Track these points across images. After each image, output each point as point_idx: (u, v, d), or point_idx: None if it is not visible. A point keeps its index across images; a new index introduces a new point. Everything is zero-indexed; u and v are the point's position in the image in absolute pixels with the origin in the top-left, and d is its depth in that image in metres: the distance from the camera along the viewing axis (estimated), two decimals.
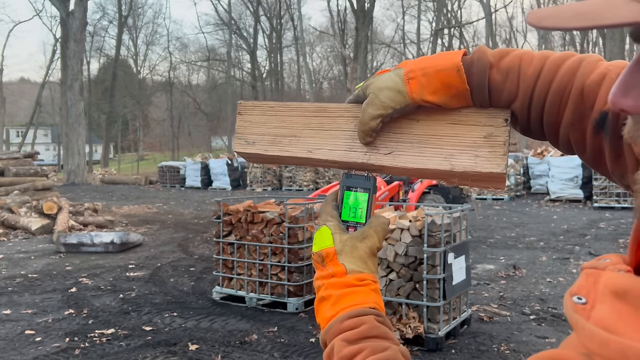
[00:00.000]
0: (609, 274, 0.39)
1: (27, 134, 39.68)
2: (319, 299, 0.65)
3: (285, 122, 0.70)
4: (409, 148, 0.66)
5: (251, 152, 0.71)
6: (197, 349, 3.53)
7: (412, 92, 0.63)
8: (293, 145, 0.69)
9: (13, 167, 11.46)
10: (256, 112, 0.72)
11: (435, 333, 3.47)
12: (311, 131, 0.69)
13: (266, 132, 0.71)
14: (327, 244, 0.64)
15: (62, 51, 25.80)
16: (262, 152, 0.70)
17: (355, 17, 27.14)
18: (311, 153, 0.68)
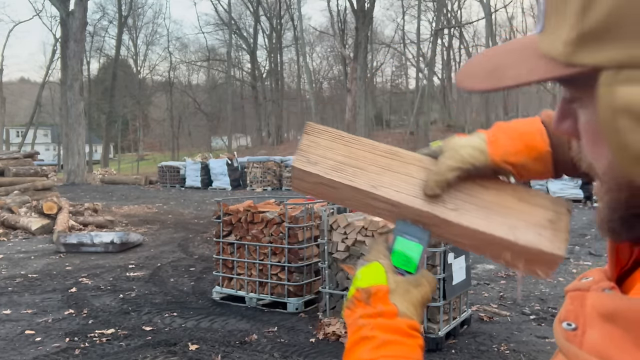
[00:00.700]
0: (594, 295, 0.38)
1: (27, 134, 39.68)
2: (358, 338, 0.59)
3: (353, 153, 0.68)
4: (476, 210, 0.64)
5: (310, 171, 0.67)
6: (197, 349, 3.53)
7: (494, 153, 0.63)
8: (357, 176, 0.66)
9: (13, 167, 11.46)
10: (324, 136, 0.69)
11: (435, 333, 3.47)
12: (378, 169, 0.67)
13: (331, 157, 0.68)
14: (377, 281, 0.60)
15: (62, 51, 25.80)
16: (322, 173, 0.67)
17: (355, 17, 27.15)
18: (374, 188, 0.65)
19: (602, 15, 0.32)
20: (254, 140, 42.14)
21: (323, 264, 3.88)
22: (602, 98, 0.33)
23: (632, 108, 0.31)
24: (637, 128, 0.32)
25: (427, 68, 31.54)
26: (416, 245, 0.64)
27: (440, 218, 0.64)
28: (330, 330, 3.67)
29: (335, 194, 0.69)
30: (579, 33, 0.33)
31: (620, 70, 0.32)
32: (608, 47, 0.32)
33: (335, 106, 42.51)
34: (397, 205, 0.65)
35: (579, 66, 0.34)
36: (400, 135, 34.08)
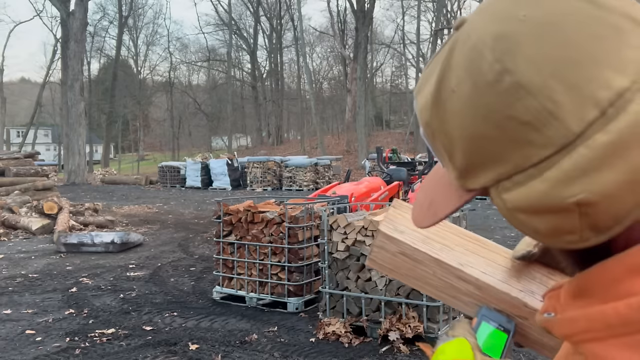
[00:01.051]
0: (564, 288, 0.45)
1: (27, 134, 39.70)
2: None
3: (440, 233, 0.67)
4: None
5: (397, 238, 0.66)
6: (197, 348, 3.54)
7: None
8: (444, 252, 0.65)
9: (14, 167, 11.47)
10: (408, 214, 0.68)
11: (435, 333, 3.48)
12: (465, 250, 0.66)
13: (418, 231, 0.67)
14: (466, 357, 0.58)
15: (62, 51, 25.83)
16: (409, 242, 0.66)
17: (355, 17, 27.15)
18: (462, 266, 0.64)
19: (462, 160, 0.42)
20: (254, 140, 42.15)
21: (323, 263, 3.89)
22: (499, 207, 0.41)
23: (518, 206, 0.40)
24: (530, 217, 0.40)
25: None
26: (501, 334, 0.61)
27: (530, 307, 0.61)
28: (330, 330, 3.68)
29: (415, 270, 0.66)
30: (458, 172, 0.43)
31: (498, 184, 0.40)
32: (480, 174, 0.41)
33: (335, 106, 42.52)
34: (484, 289, 0.63)
35: (474, 190, 0.43)
36: (400, 136, 34.09)
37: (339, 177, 19.06)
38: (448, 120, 0.41)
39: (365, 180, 7.41)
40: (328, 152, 28.62)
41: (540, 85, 0.37)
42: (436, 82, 0.42)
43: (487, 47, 0.38)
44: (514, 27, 0.38)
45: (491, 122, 0.39)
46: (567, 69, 0.36)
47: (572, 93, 0.36)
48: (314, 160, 19.77)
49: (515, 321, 0.62)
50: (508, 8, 0.39)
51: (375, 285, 3.65)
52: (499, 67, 0.37)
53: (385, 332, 3.52)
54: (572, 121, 0.36)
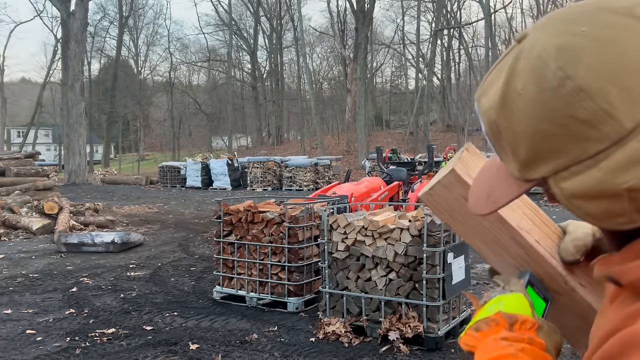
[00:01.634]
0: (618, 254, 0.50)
1: (28, 134, 39.71)
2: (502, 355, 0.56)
3: None
4: (598, 297, 0.63)
5: (468, 183, 0.65)
6: (197, 348, 3.55)
7: None
8: (507, 210, 0.65)
9: (14, 167, 11.48)
10: (482, 163, 0.69)
11: (435, 333, 3.48)
12: (523, 215, 0.67)
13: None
14: (525, 312, 0.60)
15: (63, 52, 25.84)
16: None
17: (355, 17, 27.15)
18: (520, 229, 0.65)
19: (526, 153, 0.48)
20: (254, 140, 42.14)
21: (323, 263, 3.89)
22: (557, 194, 0.48)
23: (575, 194, 0.46)
24: (585, 202, 0.46)
25: (427, 68, 31.54)
26: (541, 301, 0.63)
27: (569, 286, 0.63)
28: (330, 329, 3.68)
29: (471, 219, 0.67)
30: (519, 164, 0.50)
31: (557, 175, 0.47)
32: (542, 166, 0.48)
33: (335, 106, 42.51)
34: (534, 256, 0.64)
35: (534, 180, 0.50)
36: (400, 136, 34.08)
37: (339, 177, 19.07)
38: (514, 119, 0.47)
39: (365, 180, 7.41)
40: (328, 152, 28.62)
41: (598, 89, 0.43)
42: (503, 86, 0.48)
43: (551, 57, 0.45)
44: (575, 40, 0.45)
45: (554, 120, 0.45)
46: (621, 75, 0.43)
47: (625, 95, 0.43)
48: (314, 160, 19.77)
49: (552, 295, 0.64)
50: (568, 24, 0.46)
51: (375, 285, 3.66)
52: (562, 74, 0.44)
53: (385, 332, 3.52)
54: (625, 119, 0.42)
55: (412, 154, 22.23)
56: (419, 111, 31.15)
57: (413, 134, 31.77)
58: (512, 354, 0.56)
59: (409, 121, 34.64)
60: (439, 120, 37.97)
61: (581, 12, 0.46)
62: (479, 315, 0.61)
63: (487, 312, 0.60)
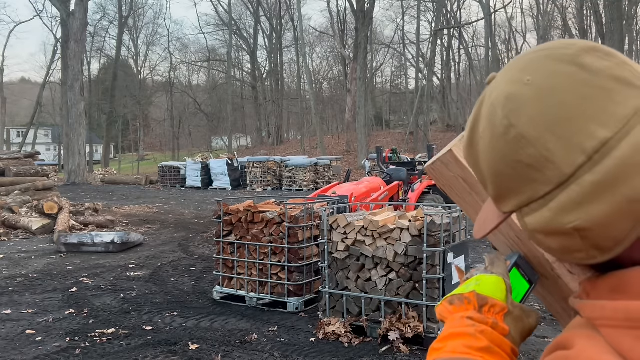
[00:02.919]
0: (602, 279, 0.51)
1: (27, 134, 39.70)
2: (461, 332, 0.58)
3: None
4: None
5: (464, 165, 0.69)
6: (197, 348, 3.55)
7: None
8: None
9: (14, 167, 11.48)
10: None
11: (435, 333, 3.48)
12: None
13: None
14: (497, 296, 0.61)
15: (62, 51, 25.83)
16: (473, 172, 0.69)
17: (355, 17, 27.15)
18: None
19: (493, 190, 0.53)
20: (254, 140, 42.15)
21: (323, 263, 3.89)
22: (522, 227, 0.52)
23: (535, 229, 0.49)
24: (545, 238, 0.49)
25: (427, 68, 31.54)
26: (525, 283, 0.66)
27: (556, 272, 0.67)
28: (330, 329, 3.68)
29: (469, 196, 0.71)
30: (493, 198, 0.54)
31: (521, 210, 0.51)
32: (507, 201, 0.52)
33: (335, 106, 42.51)
34: (524, 240, 0.67)
35: (506, 213, 0.54)
36: (400, 136, 34.08)
37: (339, 177, 19.07)
38: (479, 159, 0.52)
39: (365, 180, 7.41)
40: (328, 152, 28.62)
41: (537, 137, 0.46)
42: (470, 128, 0.53)
43: (500, 105, 0.49)
44: (520, 89, 0.48)
45: (506, 163, 0.49)
46: (559, 124, 0.46)
47: (563, 143, 0.46)
48: (314, 160, 19.77)
49: (538, 277, 0.68)
50: (518, 72, 0.49)
51: (375, 285, 3.65)
52: (507, 122, 0.48)
53: (385, 332, 3.52)
54: (564, 165, 0.46)
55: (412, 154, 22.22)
56: (419, 111, 31.15)
57: (413, 134, 31.76)
58: (471, 333, 0.58)
59: (409, 121, 34.64)
60: (439, 120, 37.96)
61: (530, 60, 0.49)
62: (458, 290, 0.64)
63: (464, 288, 0.63)
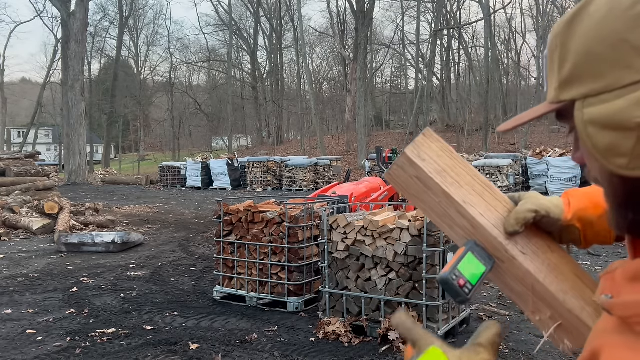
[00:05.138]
0: (621, 269, 0.51)
1: (28, 134, 39.71)
2: None
3: (456, 169, 0.74)
4: (539, 264, 0.70)
5: (417, 164, 0.72)
6: (197, 348, 3.55)
7: (568, 210, 0.73)
8: (454, 187, 0.72)
9: (14, 167, 11.49)
10: (437, 145, 0.75)
11: (435, 332, 3.49)
12: (472, 190, 0.73)
13: (438, 162, 0.73)
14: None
15: (63, 52, 25.83)
16: (426, 170, 0.72)
17: (355, 18, 27.16)
18: (465, 203, 0.71)
19: (569, 71, 0.52)
20: (255, 140, 42.15)
21: (323, 263, 3.90)
22: (577, 118, 0.51)
23: (593, 120, 0.49)
24: (598, 132, 0.49)
25: (427, 69, 31.55)
26: (481, 266, 0.69)
27: (509, 254, 0.70)
28: (330, 329, 3.69)
29: (424, 194, 0.73)
30: (559, 82, 0.53)
31: (585, 99, 0.50)
32: (577, 87, 0.51)
33: (335, 106, 42.52)
34: (478, 228, 0.71)
35: (563, 102, 0.53)
36: (399, 136, 34.08)
37: (339, 177, 19.07)
38: (574, 36, 0.51)
39: (365, 180, 7.41)
40: (328, 152, 28.63)
41: None
42: (578, 7, 0.52)
43: None
44: None
45: (608, 42, 0.47)
46: None
47: None
48: (314, 160, 19.77)
49: (495, 261, 0.70)
50: None
51: (375, 285, 3.66)
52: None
53: (385, 331, 3.53)
54: None
55: None
56: (418, 111, 31.16)
57: (413, 134, 31.75)
58: None
59: (408, 121, 34.65)
60: (438, 121, 37.95)
61: None
62: None
63: None
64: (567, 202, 0.74)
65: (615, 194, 0.52)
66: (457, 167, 0.74)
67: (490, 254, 0.70)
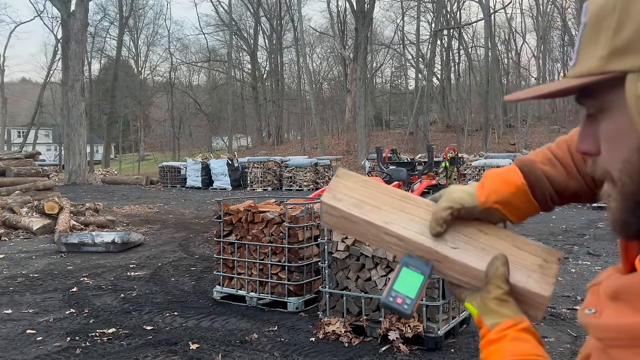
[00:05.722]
0: (605, 283, 0.50)
1: (28, 134, 39.72)
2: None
3: (373, 195, 0.78)
4: (473, 251, 0.72)
5: (335, 206, 0.77)
6: (197, 348, 3.55)
7: (480, 194, 0.73)
8: (373, 213, 0.76)
9: (14, 167, 11.49)
10: (351, 180, 0.80)
11: (435, 332, 3.49)
12: (392, 209, 0.76)
13: (353, 196, 0.78)
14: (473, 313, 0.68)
15: (63, 52, 25.84)
16: (344, 209, 0.76)
17: (355, 18, 27.16)
18: (387, 224, 0.75)
19: (626, 37, 0.46)
20: (255, 140, 42.16)
21: (323, 263, 3.90)
22: (629, 92, 0.46)
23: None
24: None
25: (427, 69, 31.55)
26: (418, 276, 0.73)
27: (441, 254, 0.72)
28: (330, 329, 3.69)
29: (354, 228, 0.78)
30: (610, 50, 0.47)
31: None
32: (632, 57, 0.46)
33: (335, 106, 42.52)
34: (405, 241, 0.74)
35: (609, 73, 0.47)
36: (399, 136, 34.09)
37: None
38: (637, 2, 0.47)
39: None
40: (328, 152, 28.63)
41: None
42: None
43: None
44: None
45: None
46: None
47: None
48: (314, 160, 19.78)
49: (433, 264, 0.73)
50: None
51: (375, 285, 3.66)
52: None
53: (385, 331, 3.53)
54: None
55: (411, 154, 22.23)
56: (418, 111, 31.15)
57: (413, 134, 31.77)
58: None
59: (408, 121, 34.64)
60: (438, 121, 37.96)
61: None
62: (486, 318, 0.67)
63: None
64: (481, 185, 0.74)
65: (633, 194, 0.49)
66: (373, 193, 0.78)
67: (426, 260, 0.73)
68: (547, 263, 0.71)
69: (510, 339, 0.61)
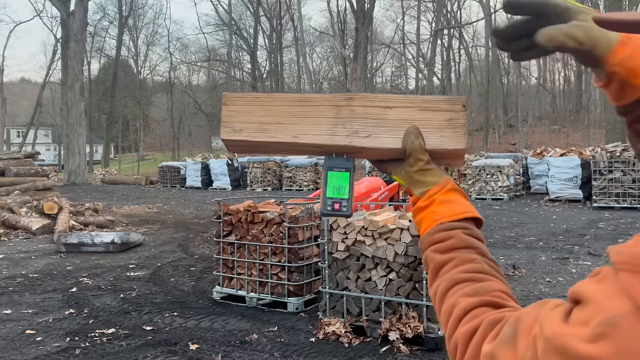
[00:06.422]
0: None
1: (27, 134, 39.70)
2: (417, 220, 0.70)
3: (270, 111, 0.75)
4: (385, 132, 0.73)
5: (238, 139, 0.75)
6: (197, 348, 3.54)
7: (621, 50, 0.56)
8: (279, 131, 0.74)
9: (14, 167, 11.48)
10: (242, 103, 0.76)
11: (435, 333, 3.48)
12: (295, 119, 0.74)
13: (252, 120, 0.75)
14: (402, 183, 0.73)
15: (62, 52, 25.84)
16: (249, 138, 0.74)
17: (355, 17, 27.15)
18: (297, 138, 0.74)
19: None
20: None
21: (323, 263, 3.89)
22: None
23: None
24: None
25: (427, 68, 31.55)
26: (344, 174, 0.74)
27: (357, 147, 0.73)
28: (330, 330, 3.68)
29: (268, 149, 0.77)
30: None
31: None
32: None
33: None
34: (321, 146, 0.74)
35: None
36: None
37: None
38: None
39: (365, 180, 7.40)
40: None
41: None
42: None
43: None
44: None
45: None
46: None
47: None
48: (314, 160, 19.76)
49: (353, 156, 0.75)
50: None
51: (375, 285, 3.65)
52: None
53: (385, 332, 3.52)
54: None
55: None
56: None
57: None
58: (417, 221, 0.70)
59: None
60: None
61: None
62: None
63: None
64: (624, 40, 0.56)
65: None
66: (270, 109, 0.75)
67: (346, 156, 0.74)
68: (455, 113, 0.73)
69: (438, 203, 0.67)
